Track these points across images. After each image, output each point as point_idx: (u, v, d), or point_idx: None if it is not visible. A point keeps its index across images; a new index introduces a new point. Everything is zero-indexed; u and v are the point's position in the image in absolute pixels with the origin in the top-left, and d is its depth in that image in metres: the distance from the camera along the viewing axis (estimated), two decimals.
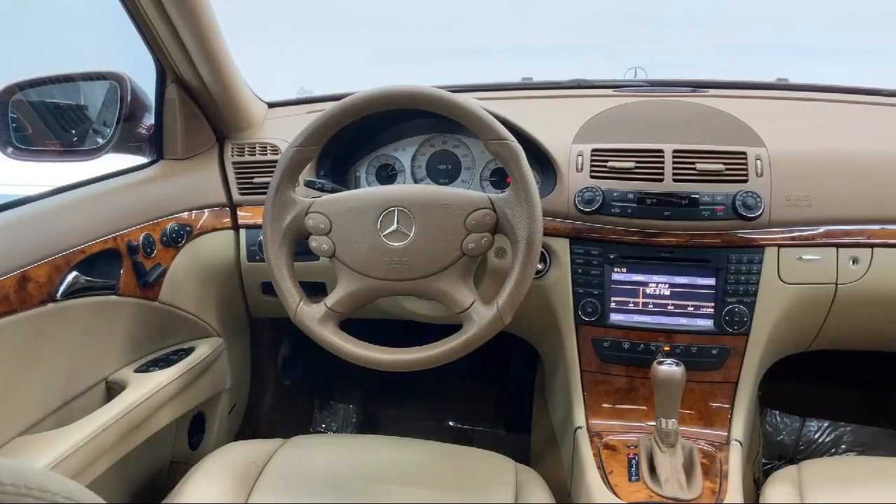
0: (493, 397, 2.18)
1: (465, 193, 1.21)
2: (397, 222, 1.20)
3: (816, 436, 2.00)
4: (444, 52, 2.68)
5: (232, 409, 1.76)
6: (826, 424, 2.01)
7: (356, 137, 1.56)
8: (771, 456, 1.96)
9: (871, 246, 1.35)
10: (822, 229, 1.35)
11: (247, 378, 1.85)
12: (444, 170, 1.59)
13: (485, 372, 2.21)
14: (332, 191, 1.38)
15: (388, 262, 1.20)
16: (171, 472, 1.62)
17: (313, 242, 1.23)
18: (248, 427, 1.87)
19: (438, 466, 1.27)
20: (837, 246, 1.35)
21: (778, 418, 2.03)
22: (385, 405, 2.24)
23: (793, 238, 1.35)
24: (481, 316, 1.18)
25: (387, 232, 1.20)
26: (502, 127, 1.19)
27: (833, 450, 1.97)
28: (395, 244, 1.19)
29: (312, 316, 1.22)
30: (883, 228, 1.35)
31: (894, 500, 1.14)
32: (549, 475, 1.51)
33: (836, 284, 1.36)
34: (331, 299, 1.22)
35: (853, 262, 1.35)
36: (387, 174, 1.61)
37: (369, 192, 1.24)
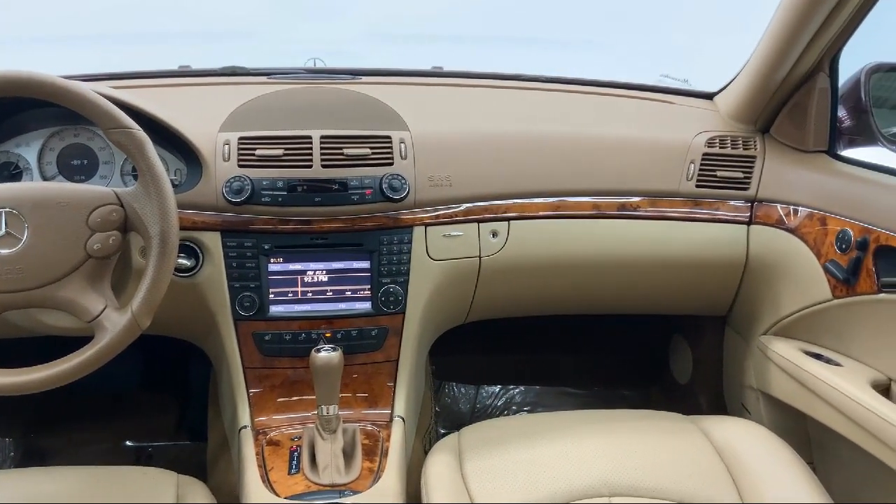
0: (173, 408, 2.05)
1: (86, 189, 1.10)
2: (5, 226, 1.06)
3: (489, 401, 2.15)
4: (103, 39, 2.45)
5: None
6: (498, 389, 2.17)
7: None
8: (451, 426, 2.07)
9: (508, 219, 1.46)
10: (463, 207, 1.43)
11: None
12: (78, 165, 1.43)
13: (161, 381, 2.07)
14: None
15: None
16: None
17: None
18: None
19: (88, 494, 1.15)
20: (478, 221, 1.44)
21: (455, 389, 2.15)
22: (51, 433, 2.00)
23: (437, 216, 1.41)
24: (114, 323, 1.08)
25: None
26: (123, 115, 1.10)
27: (505, 411, 2.13)
28: (5, 251, 1.05)
29: None
30: (516, 202, 1.46)
31: (538, 451, 1.24)
32: (222, 481, 1.44)
33: (480, 257, 1.45)
34: None
35: (493, 235, 1.45)
36: (9, 174, 1.41)
37: None
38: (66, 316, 1.34)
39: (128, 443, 1.99)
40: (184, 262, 1.33)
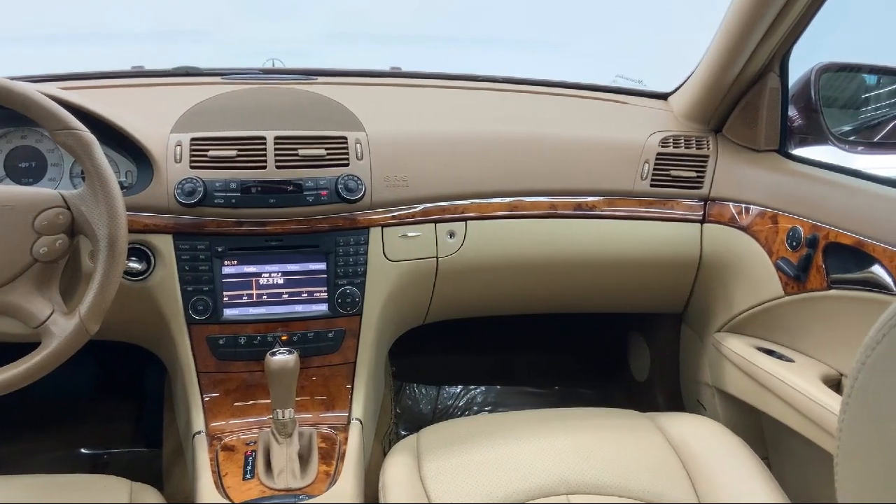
0: (129, 414, 2.01)
1: (31, 192, 1.08)
2: None
3: (451, 402, 2.15)
4: (53, 38, 2.40)
5: None
6: (459, 389, 2.17)
7: None
8: (411, 428, 2.06)
9: (465, 220, 1.45)
10: (420, 207, 1.42)
11: None
12: (26, 168, 1.40)
13: (117, 387, 2.03)
14: None
15: None
16: None
17: None
18: None
19: (38, 502, 1.12)
20: (435, 222, 1.44)
21: (417, 390, 2.15)
22: (2, 441, 1.95)
23: (394, 217, 1.40)
24: (61, 328, 1.05)
25: None
26: (69, 115, 1.08)
27: (467, 411, 2.13)
28: None
29: None
30: (473, 203, 1.46)
31: (497, 451, 1.24)
32: (177, 488, 1.42)
33: (437, 258, 1.44)
34: None
35: (450, 235, 1.45)
36: None
37: None
38: (11, 321, 1.30)
39: (83, 450, 1.95)
40: (135, 265, 1.31)
